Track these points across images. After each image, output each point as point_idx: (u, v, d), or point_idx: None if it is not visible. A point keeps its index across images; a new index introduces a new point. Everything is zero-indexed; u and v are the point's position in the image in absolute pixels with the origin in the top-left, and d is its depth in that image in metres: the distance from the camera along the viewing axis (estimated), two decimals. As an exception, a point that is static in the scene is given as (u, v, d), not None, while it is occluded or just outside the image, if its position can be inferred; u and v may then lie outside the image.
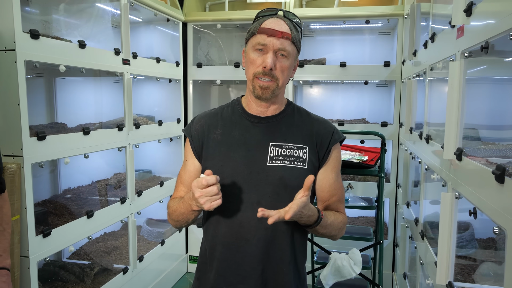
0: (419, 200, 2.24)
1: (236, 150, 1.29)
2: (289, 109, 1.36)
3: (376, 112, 3.64)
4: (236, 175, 1.27)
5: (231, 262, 1.28)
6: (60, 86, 2.79)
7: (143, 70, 3.00)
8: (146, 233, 3.41)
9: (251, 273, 1.27)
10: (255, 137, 1.30)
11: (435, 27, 2.02)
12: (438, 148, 1.72)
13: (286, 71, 1.25)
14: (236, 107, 1.37)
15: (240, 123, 1.33)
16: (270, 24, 1.22)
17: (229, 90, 4.05)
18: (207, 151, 1.32)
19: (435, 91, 2.03)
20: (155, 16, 3.17)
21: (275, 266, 1.28)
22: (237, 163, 1.27)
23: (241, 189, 1.26)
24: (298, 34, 1.28)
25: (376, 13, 3.26)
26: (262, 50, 1.23)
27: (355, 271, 2.31)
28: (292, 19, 1.27)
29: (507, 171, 0.99)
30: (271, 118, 1.33)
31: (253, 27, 1.27)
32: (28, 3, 2.38)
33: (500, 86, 1.57)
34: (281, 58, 1.23)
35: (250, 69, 1.26)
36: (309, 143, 1.31)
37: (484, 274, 1.60)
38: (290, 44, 1.23)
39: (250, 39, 1.27)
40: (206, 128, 1.34)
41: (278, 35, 1.21)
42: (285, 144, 1.29)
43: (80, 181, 2.94)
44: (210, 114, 1.39)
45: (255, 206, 1.24)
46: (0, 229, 1.41)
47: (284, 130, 1.32)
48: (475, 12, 1.29)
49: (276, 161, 1.27)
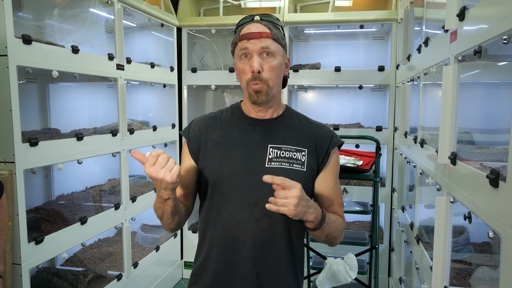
0: (414, 204, 2.24)
1: (235, 151, 1.29)
2: (288, 114, 1.37)
3: (371, 117, 3.64)
4: (234, 176, 1.26)
5: (229, 263, 1.27)
6: (53, 92, 2.78)
7: (137, 75, 2.99)
8: (141, 239, 3.38)
9: (247, 275, 1.26)
10: (254, 138, 1.30)
11: (428, 32, 2.02)
12: (433, 152, 1.72)
13: (276, 70, 1.25)
14: (235, 110, 1.38)
15: (239, 125, 1.34)
16: (248, 29, 1.25)
17: (224, 95, 4.05)
18: (205, 152, 1.32)
19: (429, 95, 2.03)
20: (149, 21, 3.16)
21: (271, 268, 1.27)
22: (236, 163, 1.27)
23: (239, 190, 1.26)
24: (279, 31, 1.28)
25: (370, 18, 3.27)
26: (247, 56, 1.24)
27: (351, 276, 2.30)
28: (269, 20, 1.28)
29: (501, 175, 0.99)
30: (270, 121, 1.33)
31: (234, 38, 1.29)
32: (20, 8, 2.37)
33: (494, 90, 1.57)
34: (267, 58, 1.24)
35: (242, 78, 1.28)
36: (308, 146, 1.31)
37: (479, 279, 1.59)
38: (272, 42, 1.24)
39: (234, 50, 1.29)
40: (204, 130, 1.35)
41: (257, 36, 1.22)
42: (284, 146, 1.29)
43: (74, 187, 2.91)
44: (209, 117, 1.39)
45: (253, 208, 1.24)
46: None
47: (283, 132, 1.32)
48: (468, 17, 1.30)
49: (275, 162, 1.27)
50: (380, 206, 3.15)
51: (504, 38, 0.98)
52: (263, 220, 1.25)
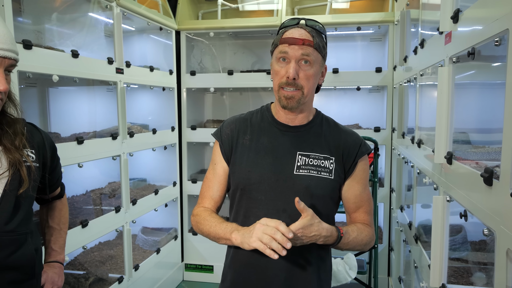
0: (412, 204, 2.26)
1: (264, 157, 1.30)
2: (318, 119, 1.37)
3: (369, 118, 3.66)
4: (263, 182, 1.28)
5: (256, 266, 1.28)
6: (53, 96, 2.79)
7: (137, 78, 3.01)
8: (141, 242, 3.39)
9: (274, 279, 1.27)
10: (283, 145, 1.31)
11: (424, 33, 2.05)
12: (430, 152, 1.74)
13: (312, 79, 1.25)
14: (266, 114, 1.39)
15: (269, 130, 1.34)
16: (291, 34, 1.23)
17: (223, 97, 4.07)
18: (235, 155, 1.33)
19: (425, 96, 2.05)
20: (148, 25, 3.18)
21: (298, 274, 1.28)
22: (265, 169, 1.29)
23: (267, 196, 1.27)
24: (321, 40, 1.28)
25: (367, 20, 3.30)
26: (285, 59, 1.24)
27: (350, 276, 2.31)
28: (314, 26, 1.27)
29: (495, 174, 1.01)
30: (299, 127, 1.34)
31: (276, 39, 1.29)
32: (20, 14, 2.39)
33: (488, 90, 1.59)
34: (305, 66, 1.23)
35: (275, 80, 1.28)
36: (336, 155, 1.31)
37: (477, 276, 1.61)
38: (313, 51, 1.23)
39: (273, 51, 1.29)
40: (236, 133, 1.36)
41: (299, 42, 1.22)
42: (312, 154, 1.30)
43: (74, 191, 2.92)
44: (240, 119, 1.39)
45: (281, 214, 1.25)
46: (58, 228, 1.57)
47: (312, 140, 1.32)
48: (461, 19, 1.32)
49: (303, 170, 1.28)
50: (379, 206, 3.16)
51: (496, 40, 1.00)
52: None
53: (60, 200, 1.62)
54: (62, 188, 1.62)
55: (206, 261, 3.78)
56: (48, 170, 1.43)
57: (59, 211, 1.61)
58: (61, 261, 1.56)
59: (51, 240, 1.56)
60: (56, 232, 1.58)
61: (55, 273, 1.50)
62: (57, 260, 1.55)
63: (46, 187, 1.46)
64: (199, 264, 3.79)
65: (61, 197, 1.62)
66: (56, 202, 1.60)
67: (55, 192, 1.57)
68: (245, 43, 3.94)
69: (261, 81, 3.52)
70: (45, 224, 1.59)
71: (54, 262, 1.54)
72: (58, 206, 1.61)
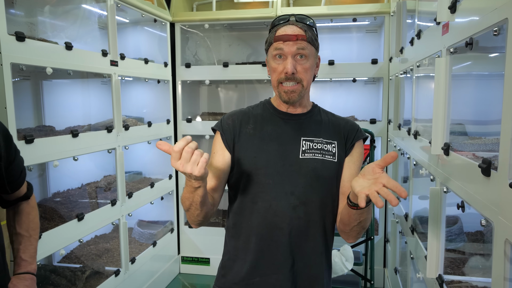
0: (409, 195, 2.27)
1: (269, 144, 1.33)
2: (316, 110, 1.42)
3: (365, 109, 3.66)
4: (269, 167, 1.30)
5: (266, 252, 1.30)
6: (47, 89, 2.77)
7: (131, 71, 2.99)
8: (138, 235, 3.39)
9: (284, 263, 1.29)
10: (287, 132, 1.35)
11: (421, 24, 2.04)
12: (426, 144, 1.75)
13: (309, 71, 1.30)
14: (266, 106, 1.42)
15: (272, 119, 1.38)
16: (284, 31, 1.28)
17: (218, 90, 4.05)
18: (240, 144, 1.34)
19: (422, 87, 2.05)
20: (142, 16, 3.15)
21: (306, 257, 1.31)
22: (271, 155, 1.31)
23: (275, 180, 1.29)
24: (313, 33, 1.32)
25: (362, 11, 3.28)
26: (281, 56, 1.28)
27: (347, 267, 2.33)
28: (304, 21, 1.31)
29: (493, 165, 1.01)
30: (301, 115, 1.38)
31: (269, 37, 1.33)
32: (12, 5, 2.35)
33: (485, 81, 1.59)
34: (301, 60, 1.28)
35: (273, 76, 1.32)
36: (338, 138, 1.36)
37: (473, 267, 1.62)
38: (307, 45, 1.27)
39: (268, 49, 1.33)
40: (238, 123, 1.37)
41: (293, 38, 1.26)
42: (316, 139, 1.34)
43: (70, 184, 2.91)
44: (241, 112, 1.42)
45: (289, 196, 1.28)
46: (27, 235, 1.44)
47: (314, 127, 1.37)
48: (459, 9, 1.31)
49: (308, 154, 1.31)
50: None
51: (495, 29, 1.00)
52: (299, 208, 1.28)
53: (27, 202, 1.46)
54: (30, 188, 1.48)
55: (202, 253, 3.79)
56: (3, 163, 1.28)
57: (27, 215, 1.45)
58: (32, 271, 1.42)
59: (20, 249, 1.41)
60: (25, 240, 1.43)
61: (26, 286, 1.36)
62: (28, 271, 1.41)
63: (5, 183, 1.32)
64: (196, 256, 3.80)
65: (28, 198, 1.46)
66: (23, 205, 1.45)
67: (19, 192, 1.42)
68: (240, 35, 3.92)
69: (257, 73, 3.50)
70: (12, 231, 1.43)
71: (25, 274, 1.40)
72: (26, 210, 1.45)
